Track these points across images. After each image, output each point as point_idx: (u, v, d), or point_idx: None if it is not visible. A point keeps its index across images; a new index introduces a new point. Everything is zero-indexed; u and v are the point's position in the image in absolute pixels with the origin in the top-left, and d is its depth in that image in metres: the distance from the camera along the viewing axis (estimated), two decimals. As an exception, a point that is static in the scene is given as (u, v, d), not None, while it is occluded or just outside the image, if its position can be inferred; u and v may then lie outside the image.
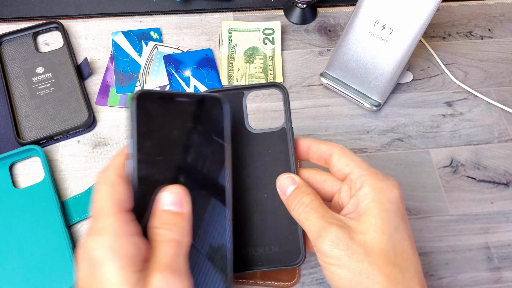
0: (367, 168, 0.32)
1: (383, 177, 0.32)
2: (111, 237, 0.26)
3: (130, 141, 0.28)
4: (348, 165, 0.33)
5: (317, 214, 0.31)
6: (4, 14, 0.60)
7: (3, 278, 0.42)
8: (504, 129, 0.55)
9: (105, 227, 0.26)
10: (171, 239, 0.27)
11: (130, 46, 0.58)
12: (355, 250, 0.29)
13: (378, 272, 0.29)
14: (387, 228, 0.30)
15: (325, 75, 0.55)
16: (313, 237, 0.30)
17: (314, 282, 0.45)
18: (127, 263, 0.25)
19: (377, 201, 0.30)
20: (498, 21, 0.64)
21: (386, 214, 0.30)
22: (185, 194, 0.29)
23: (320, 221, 0.30)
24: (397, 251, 0.29)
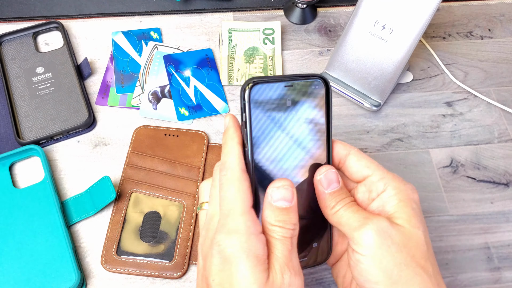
0: (387, 171, 0.32)
1: (402, 181, 0.32)
2: (244, 237, 0.28)
3: (247, 131, 0.29)
4: (368, 167, 0.32)
5: (355, 210, 0.31)
6: (4, 14, 0.60)
7: (3, 278, 0.42)
8: (504, 129, 0.55)
9: (238, 226, 0.28)
10: (286, 237, 0.29)
11: (130, 46, 0.58)
12: (395, 239, 0.29)
13: (415, 263, 0.29)
14: (420, 225, 0.30)
15: (325, 75, 0.55)
16: (353, 228, 0.30)
17: (314, 282, 0.45)
18: (257, 263, 0.27)
19: (405, 201, 0.31)
20: (498, 21, 0.64)
21: (417, 214, 0.31)
22: (293, 187, 0.30)
23: (362, 213, 0.31)
24: (428, 247, 0.30)
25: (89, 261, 0.45)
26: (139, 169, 0.49)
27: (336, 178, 0.32)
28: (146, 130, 0.52)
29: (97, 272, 0.44)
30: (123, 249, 0.45)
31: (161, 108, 0.54)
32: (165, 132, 0.52)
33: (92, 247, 0.45)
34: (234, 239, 0.28)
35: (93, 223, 0.47)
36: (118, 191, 0.48)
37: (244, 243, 0.28)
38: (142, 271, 0.44)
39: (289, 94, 0.31)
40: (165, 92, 0.55)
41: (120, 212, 0.47)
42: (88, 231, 0.46)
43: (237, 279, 0.27)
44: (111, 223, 0.46)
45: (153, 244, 0.45)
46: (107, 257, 0.44)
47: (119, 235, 0.45)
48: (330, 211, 0.32)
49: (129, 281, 0.44)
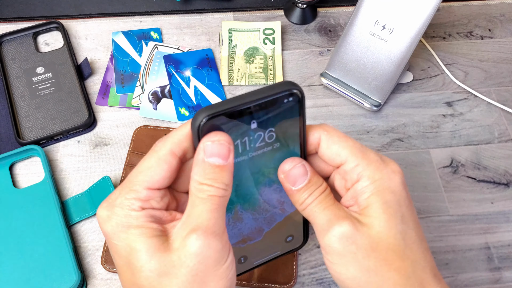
0: (362, 155, 0.28)
1: (381, 164, 0.28)
2: (120, 210, 0.26)
3: None
4: (340, 155, 0.28)
5: (324, 206, 0.28)
6: (4, 14, 0.60)
7: (3, 278, 0.42)
8: (504, 129, 0.55)
9: (115, 196, 0.26)
10: (212, 196, 0.25)
11: (130, 46, 0.58)
12: (360, 245, 0.27)
13: (387, 268, 0.27)
14: (392, 220, 0.27)
15: (325, 75, 0.55)
16: (319, 231, 0.28)
17: (314, 282, 0.45)
18: (141, 232, 0.25)
19: (378, 194, 0.28)
20: (498, 21, 0.64)
21: (389, 206, 0.28)
22: (230, 143, 0.25)
23: (328, 213, 0.28)
24: (405, 243, 0.27)
25: (89, 261, 0.45)
26: (139, 169, 0.49)
27: (302, 172, 0.28)
28: (146, 130, 0.52)
29: (97, 272, 0.44)
30: (123, 249, 0.45)
31: (161, 108, 0.54)
32: (165, 132, 0.52)
33: (92, 247, 0.45)
34: (104, 207, 0.26)
35: (94, 223, 0.47)
36: (118, 191, 0.48)
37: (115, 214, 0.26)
38: (142, 271, 0.44)
39: (254, 115, 0.26)
40: (165, 92, 0.55)
41: (120, 212, 0.47)
42: (89, 231, 0.46)
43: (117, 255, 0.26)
44: (111, 223, 0.46)
45: (153, 244, 0.45)
46: (108, 257, 0.44)
47: (119, 235, 0.45)
48: (300, 207, 0.29)
49: (129, 281, 0.44)
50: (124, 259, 0.26)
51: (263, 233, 0.30)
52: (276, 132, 0.27)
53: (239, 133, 0.26)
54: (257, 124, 0.26)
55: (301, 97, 0.27)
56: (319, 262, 0.45)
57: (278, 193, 0.30)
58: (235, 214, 0.29)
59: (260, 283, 0.43)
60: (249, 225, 0.30)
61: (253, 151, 0.27)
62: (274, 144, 0.28)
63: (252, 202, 0.29)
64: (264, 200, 0.30)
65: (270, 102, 0.26)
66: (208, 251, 0.24)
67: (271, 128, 0.27)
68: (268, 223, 0.30)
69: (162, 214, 0.26)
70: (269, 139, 0.28)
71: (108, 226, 0.26)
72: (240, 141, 0.27)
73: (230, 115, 0.25)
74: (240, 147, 0.27)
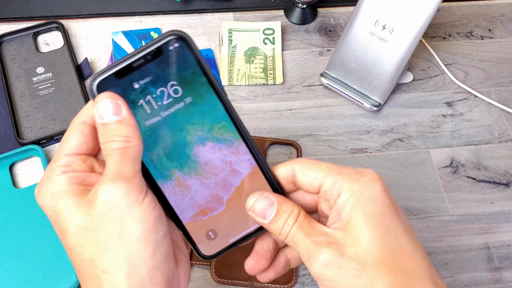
0: (337, 171, 0.28)
1: (358, 174, 0.28)
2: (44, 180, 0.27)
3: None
4: (316, 178, 0.28)
5: (303, 233, 0.28)
6: (4, 14, 0.60)
7: (3, 278, 0.42)
8: (504, 129, 0.55)
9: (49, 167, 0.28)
10: (114, 149, 0.25)
11: (130, 46, 0.58)
12: (348, 267, 0.26)
13: (379, 284, 0.26)
14: (376, 232, 0.26)
15: (325, 75, 0.55)
16: (304, 260, 0.28)
17: (314, 282, 0.45)
18: (64, 191, 0.26)
19: (358, 206, 0.27)
20: (498, 22, 0.64)
21: (372, 217, 0.27)
22: (117, 98, 0.25)
23: (308, 241, 0.27)
24: (395, 254, 0.26)
25: (90, 261, 0.45)
26: (139, 169, 0.49)
27: (267, 204, 0.28)
28: (146, 130, 0.52)
29: (97, 272, 0.44)
30: (123, 249, 0.45)
31: (161, 108, 0.54)
32: (165, 132, 0.51)
33: (92, 247, 0.45)
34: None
35: (93, 223, 0.47)
36: (118, 191, 0.48)
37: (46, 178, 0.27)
38: (142, 271, 0.44)
39: (145, 70, 0.25)
40: (165, 92, 0.55)
41: (120, 212, 0.47)
42: (88, 231, 0.46)
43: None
44: (111, 223, 0.46)
45: (153, 244, 0.45)
46: (107, 257, 0.44)
47: (119, 235, 0.45)
48: (280, 237, 0.28)
49: (129, 281, 0.44)
50: (55, 227, 0.27)
51: (223, 201, 0.28)
52: (179, 85, 0.26)
53: (138, 92, 0.26)
54: (152, 79, 0.26)
55: (186, 40, 0.25)
56: (319, 262, 0.45)
57: (218, 152, 0.28)
58: (177, 180, 0.28)
59: (260, 283, 0.43)
60: (201, 193, 0.28)
61: (164, 109, 0.26)
62: (185, 99, 0.27)
63: (191, 165, 0.28)
64: (204, 162, 0.28)
65: (153, 53, 0.25)
66: (117, 194, 0.24)
67: (172, 82, 0.26)
68: (224, 189, 0.28)
69: (87, 175, 0.27)
70: (176, 94, 0.26)
71: (39, 199, 0.28)
72: (143, 100, 0.26)
73: (117, 74, 0.25)
74: (146, 107, 0.26)
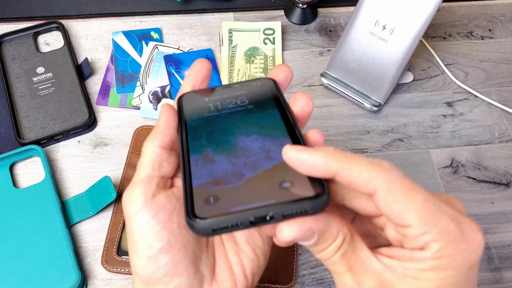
0: (433, 221, 0.22)
1: (458, 236, 0.22)
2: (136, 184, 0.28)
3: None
4: (402, 218, 0.22)
5: (346, 266, 0.23)
6: (4, 14, 0.60)
7: (3, 278, 0.42)
8: (505, 129, 0.55)
9: (133, 184, 0.28)
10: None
11: (130, 46, 0.58)
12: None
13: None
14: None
15: (325, 75, 0.55)
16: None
17: (314, 282, 0.45)
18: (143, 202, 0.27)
19: (438, 271, 0.22)
20: (498, 22, 0.64)
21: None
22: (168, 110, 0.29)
23: (349, 279, 0.23)
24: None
25: (90, 261, 0.45)
26: (139, 169, 0.49)
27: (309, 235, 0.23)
28: (146, 130, 0.52)
29: (97, 272, 0.44)
30: (123, 249, 0.45)
31: (161, 108, 0.54)
32: (165, 132, 0.51)
33: (92, 247, 0.45)
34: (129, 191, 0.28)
35: (94, 223, 0.47)
36: (119, 191, 0.48)
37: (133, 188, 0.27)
38: (143, 271, 0.44)
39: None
40: (165, 92, 0.55)
41: (120, 212, 0.47)
42: (89, 231, 0.46)
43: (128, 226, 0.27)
44: (111, 223, 0.46)
45: (153, 244, 0.45)
46: (108, 257, 0.44)
47: (119, 235, 0.45)
48: (315, 255, 0.25)
49: (129, 281, 0.44)
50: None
51: (243, 179, 0.26)
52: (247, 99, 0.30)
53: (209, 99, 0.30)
54: (228, 95, 0.31)
55: (274, 82, 0.30)
56: (319, 262, 0.45)
57: (259, 142, 0.28)
58: (205, 156, 0.28)
59: (260, 283, 0.43)
60: (223, 168, 0.27)
61: (226, 110, 0.30)
62: (247, 107, 0.30)
63: (226, 147, 0.28)
64: (241, 146, 0.28)
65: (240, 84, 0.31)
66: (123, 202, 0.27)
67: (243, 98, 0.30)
68: (250, 169, 0.26)
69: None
70: (242, 103, 0.30)
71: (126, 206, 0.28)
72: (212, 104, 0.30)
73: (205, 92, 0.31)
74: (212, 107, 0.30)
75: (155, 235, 0.25)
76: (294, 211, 0.23)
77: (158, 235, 0.25)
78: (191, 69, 0.31)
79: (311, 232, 0.23)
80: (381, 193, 0.22)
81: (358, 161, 0.22)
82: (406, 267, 0.22)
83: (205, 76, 0.31)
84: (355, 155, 0.23)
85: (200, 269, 0.27)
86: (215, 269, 0.28)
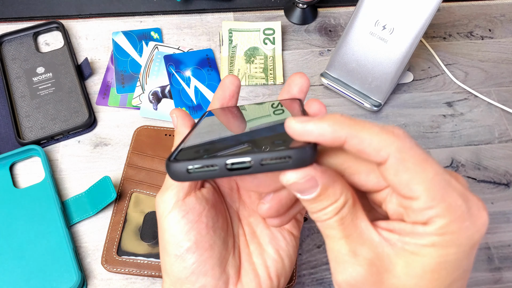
0: (441, 195, 0.20)
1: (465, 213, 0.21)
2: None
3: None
4: (410, 189, 0.21)
5: (342, 233, 0.22)
6: (4, 14, 0.60)
7: (3, 278, 0.42)
8: (505, 129, 0.55)
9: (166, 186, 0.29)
10: None
11: (130, 46, 0.58)
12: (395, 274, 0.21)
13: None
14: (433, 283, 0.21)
15: (325, 75, 0.55)
16: (331, 264, 0.23)
17: (314, 282, 0.45)
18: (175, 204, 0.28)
19: (439, 248, 0.21)
20: (498, 22, 0.64)
21: (442, 268, 0.21)
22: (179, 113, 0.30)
23: (343, 246, 0.22)
24: None
25: (90, 261, 0.45)
26: (139, 169, 0.49)
27: (311, 185, 0.22)
28: (146, 130, 0.52)
29: (97, 272, 0.44)
30: (123, 249, 0.45)
31: (161, 108, 0.54)
32: (165, 132, 0.51)
33: (92, 247, 0.45)
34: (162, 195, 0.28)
35: (94, 223, 0.47)
36: (119, 191, 0.48)
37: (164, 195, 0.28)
38: (143, 271, 0.44)
39: None
40: (165, 92, 0.55)
41: (120, 212, 0.47)
42: (89, 231, 0.46)
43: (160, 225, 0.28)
44: (111, 223, 0.46)
45: (153, 244, 0.45)
46: (108, 257, 0.44)
47: (119, 235, 0.45)
48: (311, 216, 0.23)
49: (129, 281, 0.44)
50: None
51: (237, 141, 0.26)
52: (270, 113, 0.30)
53: None
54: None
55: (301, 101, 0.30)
56: (319, 262, 0.45)
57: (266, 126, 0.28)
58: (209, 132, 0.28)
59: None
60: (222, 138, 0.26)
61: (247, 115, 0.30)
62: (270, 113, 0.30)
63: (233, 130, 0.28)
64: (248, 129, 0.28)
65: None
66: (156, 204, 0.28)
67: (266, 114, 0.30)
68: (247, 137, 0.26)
69: None
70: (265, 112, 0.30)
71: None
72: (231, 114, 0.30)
73: None
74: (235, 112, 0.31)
75: (184, 234, 0.26)
76: (274, 159, 0.21)
77: (186, 235, 0.26)
78: (220, 87, 0.31)
79: (314, 182, 0.21)
80: (393, 161, 0.20)
81: (369, 127, 0.21)
82: (406, 241, 0.21)
83: (233, 93, 0.31)
84: (365, 121, 0.21)
85: (226, 270, 0.28)
86: (240, 271, 0.29)
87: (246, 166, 0.21)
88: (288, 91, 0.31)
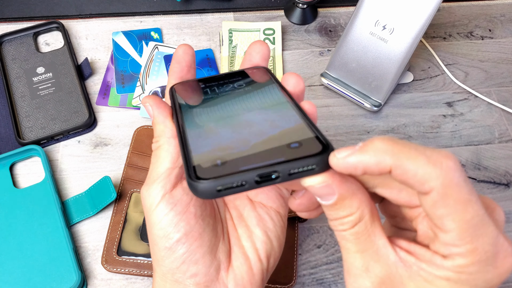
0: (471, 238, 0.20)
1: (490, 258, 0.20)
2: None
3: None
4: (443, 223, 0.20)
5: (356, 247, 0.22)
6: (4, 14, 0.60)
7: (3, 278, 0.42)
8: (505, 129, 0.55)
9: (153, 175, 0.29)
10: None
11: (130, 46, 0.58)
12: None
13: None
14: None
15: (325, 75, 0.55)
16: (344, 273, 0.24)
17: (314, 282, 0.45)
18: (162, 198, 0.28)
19: (453, 283, 0.21)
20: (498, 22, 0.64)
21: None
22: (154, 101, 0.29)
23: (357, 260, 0.22)
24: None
25: (90, 261, 0.45)
26: (139, 169, 0.49)
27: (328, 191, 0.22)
28: (146, 130, 0.52)
29: (97, 272, 0.44)
30: (123, 249, 0.45)
31: (161, 108, 0.54)
32: (165, 132, 0.51)
33: (92, 247, 0.45)
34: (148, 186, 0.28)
35: (94, 223, 0.47)
36: (119, 191, 0.48)
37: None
38: (143, 271, 0.44)
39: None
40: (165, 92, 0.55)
41: (120, 212, 0.47)
42: (89, 231, 0.46)
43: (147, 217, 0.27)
44: (111, 223, 0.46)
45: (153, 244, 0.45)
46: (108, 257, 0.44)
47: (119, 235, 0.45)
48: (330, 223, 0.24)
49: (129, 281, 0.44)
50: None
51: (249, 144, 0.25)
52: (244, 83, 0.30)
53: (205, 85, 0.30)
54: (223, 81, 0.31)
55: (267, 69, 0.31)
56: (319, 262, 0.45)
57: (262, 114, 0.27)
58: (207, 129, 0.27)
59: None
60: (228, 137, 0.26)
61: (222, 92, 0.30)
62: (244, 88, 0.30)
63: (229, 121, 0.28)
64: (244, 120, 0.27)
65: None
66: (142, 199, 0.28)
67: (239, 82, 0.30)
68: (256, 136, 0.26)
69: None
70: (238, 86, 0.30)
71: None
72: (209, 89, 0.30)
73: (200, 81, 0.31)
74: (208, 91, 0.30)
75: (173, 227, 0.26)
76: (300, 168, 0.21)
77: (175, 227, 0.26)
78: (173, 59, 0.30)
79: (331, 189, 0.21)
80: (434, 195, 0.20)
81: (415, 157, 0.20)
82: (422, 267, 0.21)
83: (190, 63, 0.30)
84: (411, 147, 0.20)
85: (216, 256, 0.28)
86: (230, 255, 0.29)
87: (274, 177, 0.22)
88: (249, 60, 0.31)
